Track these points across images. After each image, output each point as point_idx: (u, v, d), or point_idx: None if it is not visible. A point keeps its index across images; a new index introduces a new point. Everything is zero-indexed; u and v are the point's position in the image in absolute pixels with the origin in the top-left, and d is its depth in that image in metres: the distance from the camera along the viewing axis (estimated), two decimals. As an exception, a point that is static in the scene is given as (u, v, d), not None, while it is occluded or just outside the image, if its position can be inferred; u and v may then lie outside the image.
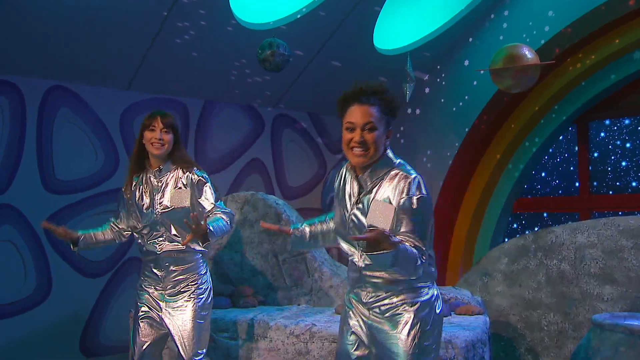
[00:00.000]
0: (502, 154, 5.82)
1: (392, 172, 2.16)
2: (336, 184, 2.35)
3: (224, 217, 2.94)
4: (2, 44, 4.34)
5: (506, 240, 5.45)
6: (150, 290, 3.09)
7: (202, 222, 2.73)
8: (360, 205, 2.18)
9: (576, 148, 5.93)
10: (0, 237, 4.55)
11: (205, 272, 3.14)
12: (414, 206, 2.09)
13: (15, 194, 4.61)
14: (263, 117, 6.13)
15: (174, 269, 3.04)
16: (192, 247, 3.05)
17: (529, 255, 4.47)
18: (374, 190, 2.16)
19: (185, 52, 4.98)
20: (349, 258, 2.29)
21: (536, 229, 5.94)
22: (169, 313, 3.04)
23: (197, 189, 3.04)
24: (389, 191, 2.14)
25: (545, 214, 6.20)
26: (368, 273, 2.21)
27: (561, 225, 4.44)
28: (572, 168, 6.00)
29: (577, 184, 5.93)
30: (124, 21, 4.49)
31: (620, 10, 4.70)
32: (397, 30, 5.55)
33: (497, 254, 4.63)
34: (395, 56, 5.39)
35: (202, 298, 3.07)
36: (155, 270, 3.07)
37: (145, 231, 3.06)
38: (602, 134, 5.84)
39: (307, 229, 2.46)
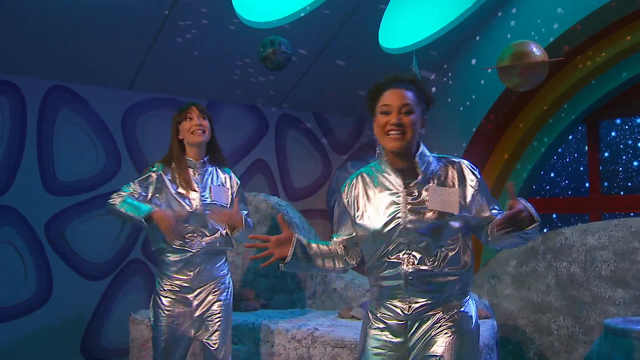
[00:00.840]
0: (510, 154, 5.78)
1: (436, 160, 2.10)
2: (351, 193, 2.16)
3: (251, 223, 3.13)
4: (2, 44, 4.34)
5: None
6: (175, 295, 3.01)
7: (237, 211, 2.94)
8: (414, 196, 2.03)
9: (586, 148, 5.89)
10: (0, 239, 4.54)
11: (228, 272, 3.18)
12: (484, 185, 2.07)
13: (15, 195, 4.60)
14: (267, 117, 6.11)
15: (204, 268, 3.01)
16: (222, 244, 3.05)
17: (537, 258, 4.43)
18: (426, 177, 2.05)
19: (187, 52, 4.97)
20: (383, 261, 2.04)
21: (545, 230, 5.86)
22: (199, 318, 3.01)
23: (235, 193, 3.14)
24: (446, 177, 2.06)
25: (554, 215, 6.18)
26: (415, 279, 2.00)
27: (571, 226, 4.42)
28: (582, 168, 5.97)
29: (587, 185, 5.89)
30: (125, 20, 4.48)
31: (632, 6, 4.65)
32: (403, 28, 5.53)
33: (505, 256, 4.58)
34: (401, 55, 5.35)
35: (229, 300, 3.10)
36: (185, 270, 2.99)
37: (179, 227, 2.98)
38: (613, 133, 5.80)
39: (312, 245, 2.19)
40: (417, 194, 2.03)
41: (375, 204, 2.08)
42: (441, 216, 2.00)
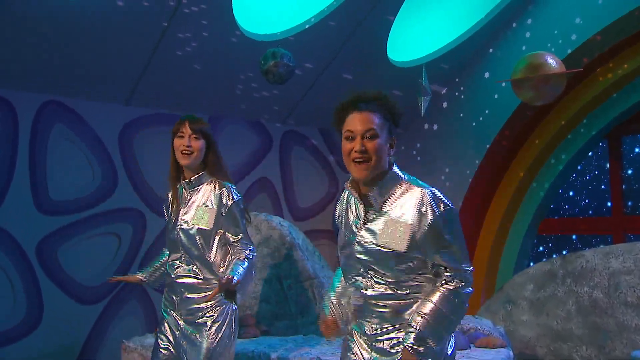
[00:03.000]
0: (526, 172, 5.74)
1: (403, 188, 2.07)
2: (339, 208, 2.26)
3: (243, 263, 2.81)
4: (-7, 57, 4.32)
5: (532, 264, 5.39)
6: (169, 316, 2.97)
7: (225, 279, 2.64)
8: (369, 226, 2.07)
9: (607, 165, 5.86)
10: (-12, 262, 4.49)
11: (224, 304, 2.88)
12: (443, 222, 2.01)
13: (5, 216, 4.53)
14: (271, 134, 6.08)
15: (188, 296, 2.88)
16: (209, 277, 2.88)
17: (556, 282, 4.40)
18: (384, 208, 2.06)
19: (187, 65, 4.95)
20: (352, 282, 2.14)
21: (564, 252, 5.91)
22: (183, 343, 2.87)
23: (226, 213, 2.87)
24: (404, 209, 2.03)
25: (574, 237, 6.14)
26: (374, 302, 2.08)
27: (592, 248, 4.40)
28: (603, 186, 5.93)
29: (609, 204, 5.84)
30: (122, 33, 4.45)
31: (655, 16, 4.60)
32: (412, 40, 5.57)
33: (521, 280, 4.56)
34: (410, 68, 5.38)
35: (218, 333, 2.84)
36: (171, 294, 2.95)
37: (167, 251, 3.00)
38: (637, 149, 5.78)
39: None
40: (371, 225, 2.07)
41: (344, 228, 2.19)
42: (389, 251, 2.02)
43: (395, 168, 2.10)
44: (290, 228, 4.47)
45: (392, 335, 2.07)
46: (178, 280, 2.90)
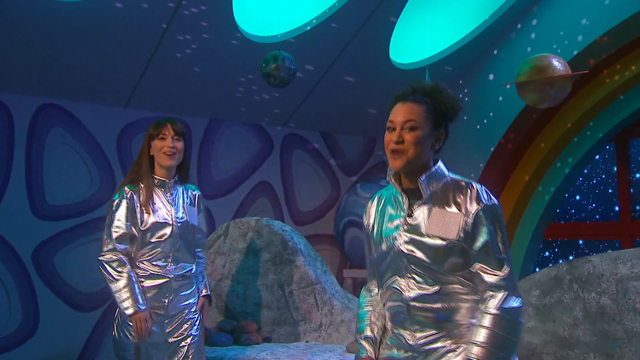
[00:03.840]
0: (532, 176, 5.72)
1: (449, 181, 2.03)
2: (370, 211, 2.17)
3: (204, 268, 3.31)
4: (-11, 60, 4.33)
5: (537, 270, 5.35)
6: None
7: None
8: (416, 217, 2.01)
9: (615, 168, 5.83)
10: (-18, 268, 4.50)
11: (198, 299, 3.20)
12: (489, 214, 1.96)
13: (0, 221, 4.54)
14: (271, 137, 6.09)
15: (181, 294, 3.02)
16: (196, 272, 3.15)
17: (563, 288, 4.31)
18: (431, 199, 2.01)
19: (186, 67, 4.96)
20: (389, 285, 2.04)
21: (571, 258, 5.82)
22: (172, 347, 3.00)
23: (202, 215, 3.22)
24: (451, 200, 1.99)
25: (581, 242, 6.08)
26: (417, 305, 1.97)
27: (599, 254, 4.27)
28: (610, 190, 5.88)
29: (616, 208, 5.81)
30: (121, 34, 4.46)
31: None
32: (415, 42, 5.57)
33: (527, 285, 4.44)
34: (413, 70, 5.45)
35: (200, 330, 3.11)
36: (160, 297, 2.96)
37: (150, 251, 2.95)
38: None
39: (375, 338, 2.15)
40: (417, 216, 2.00)
41: (382, 225, 2.10)
42: (439, 241, 1.95)
43: (441, 164, 2.06)
44: (292, 233, 4.47)
45: (438, 344, 1.95)
46: (177, 280, 2.99)
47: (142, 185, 3.00)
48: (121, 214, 2.95)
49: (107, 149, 5.06)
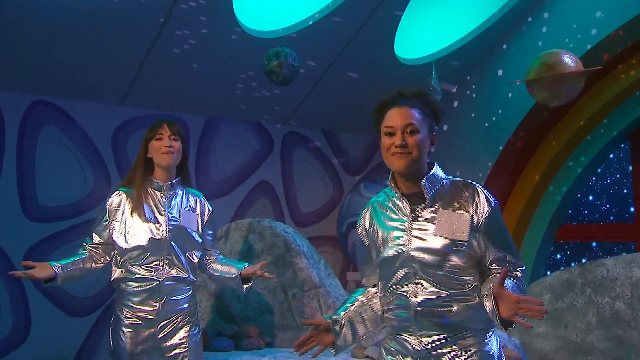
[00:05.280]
0: (542, 175, 5.71)
1: (448, 183, 2.11)
2: (366, 221, 2.23)
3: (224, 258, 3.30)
4: (-20, 55, 4.34)
5: (548, 273, 5.31)
6: (138, 329, 2.97)
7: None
8: (423, 221, 2.07)
9: (630, 167, 5.82)
10: (-27, 272, 4.50)
11: (196, 304, 3.21)
12: (497, 214, 2.05)
13: (-9, 223, 4.57)
14: (272, 136, 6.11)
15: (172, 299, 3.01)
16: (193, 278, 3.10)
17: (575, 292, 4.32)
18: (434, 202, 2.08)
19: (184, 64, 4.96)
20: (395, 291, 2.08)
21: (583, 260, 5.84)
22: (165, 354, 3.01)
23: (206, 220, 3.20)
24: (457, 200, 2.07)
25: (594, 244, 6.09)
26: (425, 310, 2.02)
27: (613, 257, 4.30)
28: (625, 191, 5.88)
29: (631, 209, 5.79)
30: (116, 29, 4.46)
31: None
32: (421, 37, 5.56)
33: (538, 289, 4.48)
34: (419, 66, 5.40)
35: (198, 335, 3.12)
36: (150, 301, 2.98)
37: (136, 254, 2.98)
38: None
39: (352, 315, 2.21)
40: (424, 219, 2.07)
41: (385, 231, 2.14)
42: (449, 243, 2.01)
43: (437, 167, 2.13)
44: (294, 235, 4.47)
45: (445, 349, 2.02)
46: (167, 283, 3.00)
47: (137, 186, 3.05)
48: (105, 218, 3.07)
49: (102, 148, 5.07)
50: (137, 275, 2.98)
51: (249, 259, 4.45)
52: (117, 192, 3.09)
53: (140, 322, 2.98)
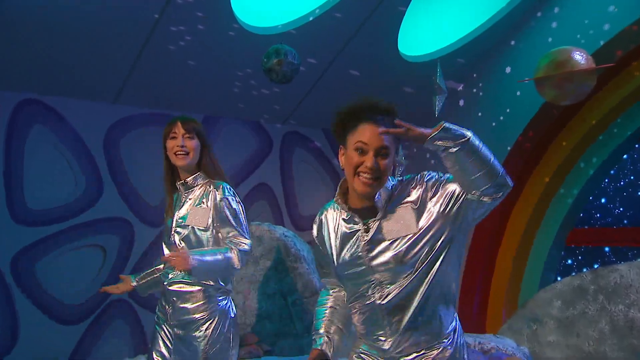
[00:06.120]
0: (552, 177, 5.71)
1: (395, 188, 2.15)
2: (321, 231, 2.26)
3: (226, 253, 2.91)
4: (-35, 51, 4.32)
5: (559, 279, 5.34)
6: (162, 330, 3.05)
7: (177, 253, 2.82)
8: (375, 231, 2.11)
9: None
10: (-41, 277, 4.49)
11: (223, 314, 2.99)
12: (437, 176, 2.14)
13: (-23, 226, 4.55)
14: (271, 135, 6.11)
15: (181, 306, 2.96)
16: (205, 283, 2.97)
17: (587, 299, 4.34)
18: (388, 211, 2.12)
19: (180, 61, 4.96)
20: (358, 298, 2.14)
21: (596, 266, 5.78)
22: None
23: (218, 211, 2.98)
24: (401, 201, 2.12)
25: (606, 249, 6.06)
26: (392, 308, 2.09)
27: (628, 262, 4.33)
28: (639, 193, 5.86)
29: None
30: (109, 25, 4.44)
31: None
32: (426, 33, 5.56)
33: (548, 296, 4.52)
34: (423, 63, 5.38)
35: (213, 347, 2.93)
36: (164, 305, 3.03)
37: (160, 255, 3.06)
38: None
39: (334, 332, 2.27)
40: (374, 229, 2.11)
41: (339, 245, 2.18)
42: (402, 241, 2.06)
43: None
44: (294, 239, 4.53)
45: (413, 350, 2.10)
46: (170, 288, 2.97)
47: (165, 192, 3.14)
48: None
49: (94, 149, 5.05)
50: (158, 278, 3.09)
51: (247, 263, 4.45)
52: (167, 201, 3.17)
53: (161, 320, 3.05)
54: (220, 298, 3.00)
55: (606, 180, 5.97)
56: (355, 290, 2.15)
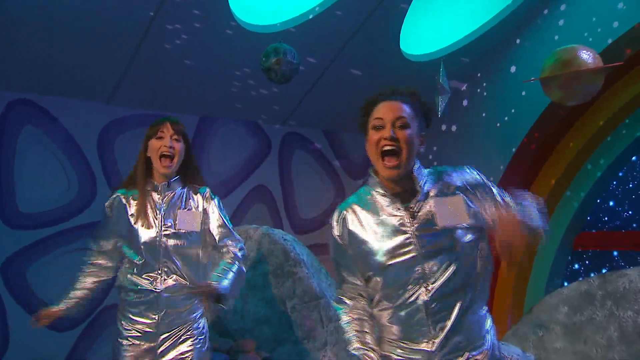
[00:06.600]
0: (559, 179, 5.73)
1: (431, 175, 2.16)
2: (345, 227, 2.19)
3: (233, 266, 2.99)
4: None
5: (566, 284, 5.34)
6: (138, 342, 2.95)
7: (207, 285, 2.83)
8: (419, 217, 2.08)
9: None
10: (-51, 282, 4.49)
11: (203, 315, 3.11)
12: (485, 182, 2.15)
13: (-33, 231, 4.56)
14: (270, 136, 6.13)
15: (171, 312, 2.95)
16: (192, 281, 3.00)
17: (595, 304, 4.30)
18: (427, 193, 2.11)
19: (176, 60, 4.97)
20: (401, 299, 2.07)
21: (604, 271, 5.84)
22: None
23: (209, 215, 3.08)
24: (445, 187, 2.12)
25: (615, 253, 6.07)
26: (437, 305, 2.03)
27: (636, 267, 4.28)
28: None
29: None
30: (103, 23, 4.45)
31: None
32: (429, 31, 5.62)
33: (554, 302, 4.47)
34: (426, 63, 5.47)
35: (204, 350, 3.05)
36: (149, 313, 2.95)
37: (138, 262, 2.96)
38: None
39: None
40: (421, 213, 2.08)
41: (377, 236, 2.11)
42: (454, 230, 2.04)
43: (417, 162, 2.17)
44: (294, 243, 4.53)
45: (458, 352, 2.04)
46: (165, 295, 2.94)
47: (139, 191, 3.04)
48: (104, 224, 3.10)
49: (87, 150, 5.05)
50: (135, 286, 2.96)
51: (245, 268, 4.45)
52: (115, 194, 3.08)
53: (139, 334, 2.94)
54: (200, 305, 3.08)
55: (614, 182, 5.99)
56: (395, 285, 2.07)
